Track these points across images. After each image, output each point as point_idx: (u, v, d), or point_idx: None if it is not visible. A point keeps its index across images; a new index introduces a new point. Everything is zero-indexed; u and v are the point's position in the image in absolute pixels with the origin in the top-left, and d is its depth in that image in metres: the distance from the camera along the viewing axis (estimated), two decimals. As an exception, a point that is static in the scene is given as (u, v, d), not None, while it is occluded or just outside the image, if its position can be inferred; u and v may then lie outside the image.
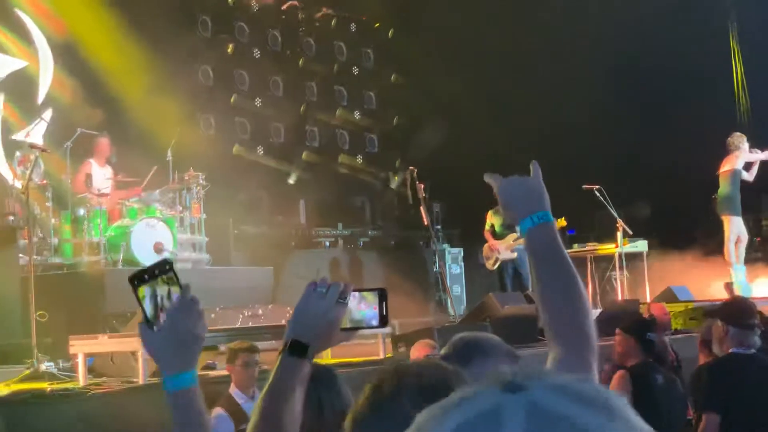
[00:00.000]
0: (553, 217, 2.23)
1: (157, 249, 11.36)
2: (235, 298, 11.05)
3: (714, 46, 17.62)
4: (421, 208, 12.40)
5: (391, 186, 19.38)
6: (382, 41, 19.89)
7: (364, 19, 19.59)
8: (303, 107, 18.45)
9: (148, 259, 10.39)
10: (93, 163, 12.45)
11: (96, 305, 10.69)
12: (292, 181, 17.91)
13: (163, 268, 2.15)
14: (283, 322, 9.52)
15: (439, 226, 17.37)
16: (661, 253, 15.07)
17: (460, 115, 17.50)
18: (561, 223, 12.34)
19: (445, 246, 16.93)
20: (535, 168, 2.31)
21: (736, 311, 5.91)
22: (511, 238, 13.32)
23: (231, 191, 14.55)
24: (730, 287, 13.51)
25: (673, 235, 15.79)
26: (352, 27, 19.65)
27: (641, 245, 14.37)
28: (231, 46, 17.41)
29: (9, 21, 13.81)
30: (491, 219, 13.73)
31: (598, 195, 13.65)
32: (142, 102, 14.05)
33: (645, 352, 6.37)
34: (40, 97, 13.99)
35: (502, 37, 17.10)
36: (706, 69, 16.99)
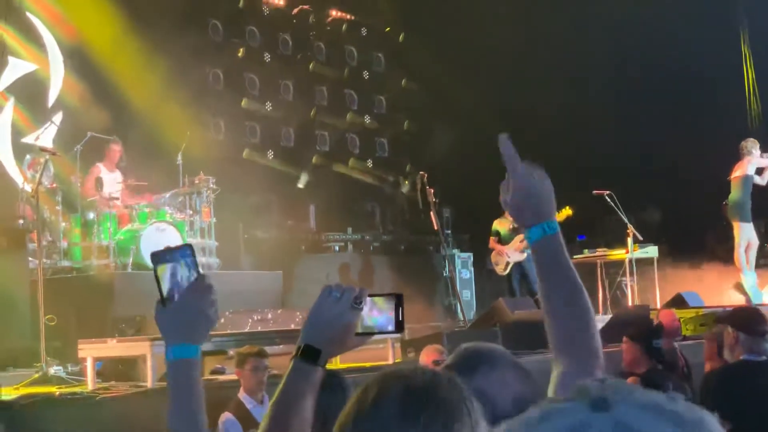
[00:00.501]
0: (558, 226, 2.17)
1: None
2: (244, 302, 10.99)
3: (726, 51, 17.57)
4: (431, 213, 12.36)
5: (402, 190, 19.37)
6: (392, 46, 19.90)
7: (375, 23, 19.62)
8: (313, 111, 18.44)
9: (158, 263, 10.36)
10: (102, 167, 12.45)
11: (105, 309, 10.69)
12: (301, 186, 17.90)
13: (185, 252, 2.16)
14: (292, 326, 9.51)
15: (449, 231, 17.37)
16: (671, 258, 15.03)
17: (471, 119, 17.46)
18: (567, 212, 12.22)
19: (455, 251, 16.91)
20: (504, 142, 2.25)
21: (747, 318, 5.89)
22: (519, 240, 13.28)
23: (241, 195, 14.54)
24: (741, 287, 13.49)
25: (683, 240, 15.75)
26: (363, 31, 19.67)
27: (651, 251, 14.30)
28: (242, 50, 17.42)
29: (20, 24, 13.80)
30: (496, 226, 13.75)
31: (609, 200, 13.63)
32: (153, 106, 14.07)
33: (652, 359, 6.34)
34: (50, 101, 14.00)
35: (513, 42, 17.08)
36: (717, 74, 16.99)
